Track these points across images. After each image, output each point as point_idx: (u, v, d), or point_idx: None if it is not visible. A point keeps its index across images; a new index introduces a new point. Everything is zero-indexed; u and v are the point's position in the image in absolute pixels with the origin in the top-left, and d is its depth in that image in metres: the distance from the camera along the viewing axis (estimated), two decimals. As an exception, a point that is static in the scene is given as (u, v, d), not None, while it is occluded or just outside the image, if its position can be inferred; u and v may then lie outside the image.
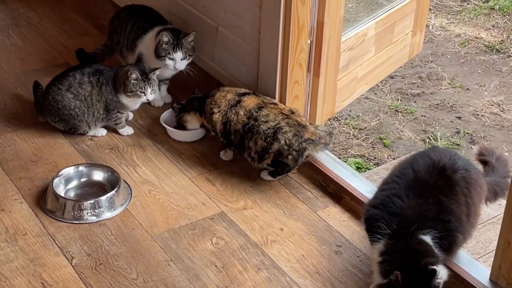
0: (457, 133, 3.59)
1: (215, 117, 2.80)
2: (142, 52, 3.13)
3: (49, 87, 2.96)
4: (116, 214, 2.60)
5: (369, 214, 2.22)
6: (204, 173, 2.83)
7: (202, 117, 2.88)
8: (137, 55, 3.15)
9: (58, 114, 2.93)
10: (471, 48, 4.40)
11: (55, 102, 2.91)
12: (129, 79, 2.86)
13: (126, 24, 3.21)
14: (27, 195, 2.67)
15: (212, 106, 2.81)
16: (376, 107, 3.75)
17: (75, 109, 2.91)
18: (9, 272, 2.32)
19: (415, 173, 2.23)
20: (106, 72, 2.94)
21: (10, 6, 4.07)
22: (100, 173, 2.75)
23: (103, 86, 2.92)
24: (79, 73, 2.92)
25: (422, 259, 2.05)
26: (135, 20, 3.20)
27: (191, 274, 2.35)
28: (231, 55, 3.11)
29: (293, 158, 2.67)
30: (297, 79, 2.87)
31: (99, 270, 2.35)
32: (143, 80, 2.88)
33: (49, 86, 2.96)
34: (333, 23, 2.90)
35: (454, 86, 3.99)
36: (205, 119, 2.87)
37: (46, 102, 2.94)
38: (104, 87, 2.91)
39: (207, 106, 2.84)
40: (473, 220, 2.25)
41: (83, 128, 2.96)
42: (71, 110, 2.90)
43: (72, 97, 2.90)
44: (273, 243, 2.50)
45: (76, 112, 2.91)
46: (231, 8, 3.01)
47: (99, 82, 2.92)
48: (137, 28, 3.17)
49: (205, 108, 2.85)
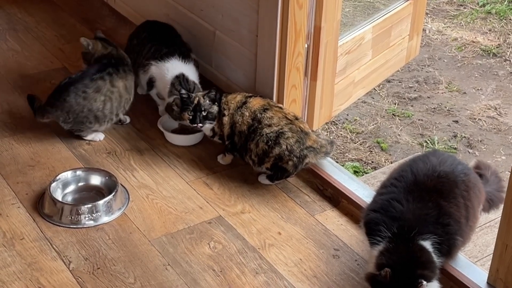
0: (454, 137, 3.59)
1: (225, 119, 2.78)
2: (154, 77, 3.08)
3: (71, 91, 2.87)
4: (113, 219, 2.59)
5: (369, 218, 2.22)
6: (202, 177, 2.83)
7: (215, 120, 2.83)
8: (149, 77, 3.09)
9: (76, 116, 2.90)
10: (468, 52, 4.41)
11: (78, 105, 2.87)
12: None
13: (144, 46, 3.13)
14: (25, 199, 2.66)
15: (224, 107, 2.79)
16: (374, 111, 3.75)
17: (104, 110, 2.91)
18: (6, 277, 2.32)
19: (414, 176, 2.23)
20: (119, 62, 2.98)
21: (7, 11, 4.08)
22: (98, 177, 2.75)
23: (128, 74, 2.98)
24: (107, 73, 2.91)
25: (419, 269, 2.05)
26: (153, 43, 3.10)
27: (189, 278, 2.35)
28: (228, 59, 3.12)
29: (293, 164, 2.67)
30: (295, 83, 2.88)
31: (96, 275, 2.35)
32: None
33: (70, 90, 2.87)
34: (330, 27, 2.90)
35: (451, 90, 4.00)
36: (217, 122, 2.82)
37: (66, 104, 2.87)
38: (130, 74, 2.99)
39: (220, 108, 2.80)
40: (472, 224, 2.25)
41: (91, 130, 2.97)
42: (99, 111, 2.90)
43: (102, 99, 2.90)
44: (271, 247, 2.50)
45: (104, 112, 2.92)
46: (228, 12, 3.02)
47: (124, 73, 2.96)
48: (154, 51, 3.08)
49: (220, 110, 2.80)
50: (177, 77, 2.97)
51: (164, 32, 3.19)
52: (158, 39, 3.14)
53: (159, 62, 3.04)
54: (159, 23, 3.26)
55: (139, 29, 3.27)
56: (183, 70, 3.00)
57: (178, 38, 3.19)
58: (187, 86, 2.95)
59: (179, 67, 3.01)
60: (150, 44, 3.12)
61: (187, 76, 2.98)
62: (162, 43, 3.10)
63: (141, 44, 3.16)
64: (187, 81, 2.97)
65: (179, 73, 2.98)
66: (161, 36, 3.15)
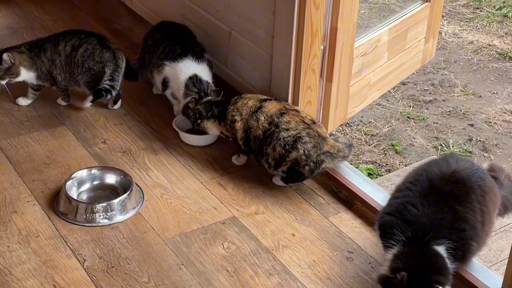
0: (470, 140, 3.58)
1: (237, 125, 2.78)
2: (168, 78, 3.09)
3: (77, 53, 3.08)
4: (128, 218, 2.60)
5: (383, 220, 2.22)
6: (216, 178, 2.84)
7: (220, 125, 2.85)
8: (163, 77, 3.10)
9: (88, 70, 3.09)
10: (483, 55, 4.39)
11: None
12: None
13: (159, 46, 3.14)
14: (40, 197, 2.68)
15: (234, 114, 2.79)
16: (388, 113, 3.75)
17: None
18: (21, 274, 2.33)
19: (429, 181, 2.22)
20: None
21: (25, 9, 4.10)
22: (113, 176, 2.76)
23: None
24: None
25: (433, 275, 2.05)
26: (167, 44, 3.11)
27: (203, 278, 2.35)
28: (244, 60, 3.12)
29: (310, 169, 2.67)
30: (310, 84, 2.87)
31: (110, 273, 2.36)
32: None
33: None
34: (347, 29, 2.90)
35: (467, 93, 3.98)
36: (224, 127, 2.84)
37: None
38: None
39: (228, 114, 2.81)
40: (487, 228, 2.24)
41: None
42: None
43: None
44: (284, 249, 2.50)
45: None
46: (245, 13, 3.02)
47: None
48: (168, 51, 3.09)
49: (226, 116, 2.81)
50: (190, 78, 2.98)
51: (178, 33, 3.20)
52: (172, 39, 3.14)
53: (173, 63, 3.05)
54: (173, 24, 3.27)
55: (154, 29, 3.28)
56: (196, 70, 3.01)
57: (192, 38, 3.19)
58: (201, 86, 2.95)
59: (192, 67, 3.02)
60: (164, 44, 3.13)
61: (200, 77, 2.99)
62: (176, 44, 3.11)
63: (156, 44, 3.17)
64: (201, 81, 2.97)
65: (192, 74, 2.99)
66: (176, 37, 3.16)
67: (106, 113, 3.20)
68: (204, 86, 2.96)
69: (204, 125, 2.88)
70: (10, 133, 3.03)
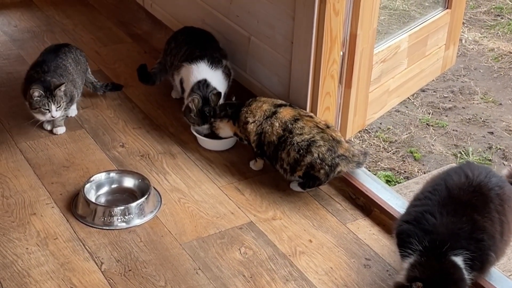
0: (489, 148, 3.55)
1: (250, 127, 2.80)
2: (183, 78, 3.10)
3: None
4: (145, 221, 2.61)
5: (401, 229, 2.20)
6: (234, 182, 2.84)
7: (235, 126, 2.88)
8: (180, 78, 3.12)
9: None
10: (504, 62, 4.36)
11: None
12: (32, 97, 2.87)
13: (181, 48, 3.16)
14: (59, 199, 2.69)
15: (247, 115, 2.81)
16: (407, 120, 3.72)
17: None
18: (39, 276, 2.34)
19: (448, 190, 2.21)
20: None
21: (46, 13, 4.14)
22: (131, 180, 2.77)
23: None
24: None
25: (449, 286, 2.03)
26: (189, 46, 3.14)
27: (219, 283, 2.35)
28: (263, 65, 3.12)
29: (325, 172, 2.66)
30: (329, 90, 2.87)
31: (128, 277, 2.36)
32: (47, 97, 2.88)
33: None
34: (366, 35, 2.89)
35: (487, 101, 3.95)
36: (238, 128, 2.87)
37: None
38: None
39: (242, 115, 2.83)
40: (506, 238, 2.22)
41: None
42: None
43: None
44: (301, 255, 2.49)
45: None
46: (264, 18, 3.02)
47: None
48: (188, 53, 3.11)
49: (239, 117, 2.84)
50: (198, 82, 3.00)
51: (201, 37, 3.21)
52: (194, 42, 3.16)
53: (189, 64, 3.07)
54: (197, 29, 3.29)
55: (177, 33, 3.31)
56: (208, 75, 3.01)
57: (214, 43, 3.21)
58: (206, 91, 2.96)
59: (205, 72, 3.03)
60: (186, 47, 3.16)
61: (209, 82, 2.99)
62: (197, 46, 3.13)
63: (178, 46, 3.20)
64: (207, 86, 2.98)
65: (202, 78, 3.00)
66: (198, 40, 3.18)
67: (125, 117, 3.22)
68: (209, 91, 2.97)
69: (217, 125, 2.89)
70: (30, 135, 3.05)
